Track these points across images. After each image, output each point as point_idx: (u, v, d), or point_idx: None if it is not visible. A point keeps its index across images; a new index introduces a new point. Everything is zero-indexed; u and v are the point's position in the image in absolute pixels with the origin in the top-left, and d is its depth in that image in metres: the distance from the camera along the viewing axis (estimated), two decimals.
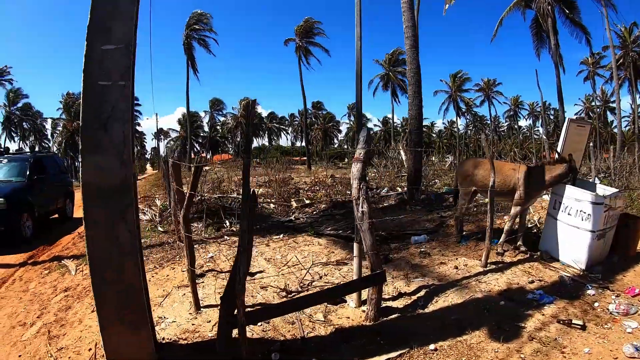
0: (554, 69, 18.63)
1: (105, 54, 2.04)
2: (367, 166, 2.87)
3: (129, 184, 2.07)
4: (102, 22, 2.03)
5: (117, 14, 2.05)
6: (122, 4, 2.06)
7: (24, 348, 2.40)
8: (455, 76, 43.43)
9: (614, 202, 4.03)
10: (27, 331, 2.61)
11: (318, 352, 2.43)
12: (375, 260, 2.75)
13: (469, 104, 43.80)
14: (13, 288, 3.69)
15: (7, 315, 2.92)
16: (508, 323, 2.72)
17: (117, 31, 2.05)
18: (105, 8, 2.03)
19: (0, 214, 5.42)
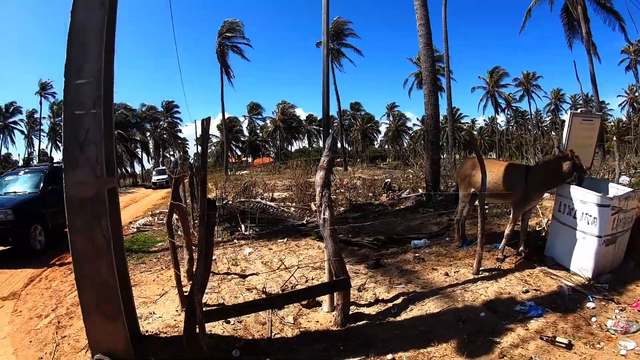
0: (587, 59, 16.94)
1: (79, 88, 2.35)
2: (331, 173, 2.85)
3: (102, 195, 2.35)
4: (76, 61, 2.34)
5: (87, 54, 2.33)
6: (90, 45, 2.34)
7: (35, 335, 2.81)
8: (492, 72, 41.04)
9: (625, 204, 3.53)
10: (41, 321, 3.04)
11: (277, 352, 2.50)
12: (338, 267, 2.72)
13: (509, 99, 40.73)
14: (39, 285, 4.15)
15: (28, 308, 3.39)
16: (482, 337, 2.54)
17: (87, 68, 2.34)
18: (77, 49, 2.32)
19: (8, 226, 5.35)
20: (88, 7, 2.34)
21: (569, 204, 3.80)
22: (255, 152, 49.65)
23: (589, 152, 4.45)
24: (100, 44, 2.37)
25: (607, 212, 3.41)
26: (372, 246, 4.64)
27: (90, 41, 2.35)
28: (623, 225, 3.61)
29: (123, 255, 2.66)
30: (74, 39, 2.33)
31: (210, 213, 2.51)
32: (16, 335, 2.83)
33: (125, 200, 11.55)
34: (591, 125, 4.37)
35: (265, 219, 6.95)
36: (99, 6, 2.35)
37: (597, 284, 3.34)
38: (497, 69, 41.10)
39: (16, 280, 4.42)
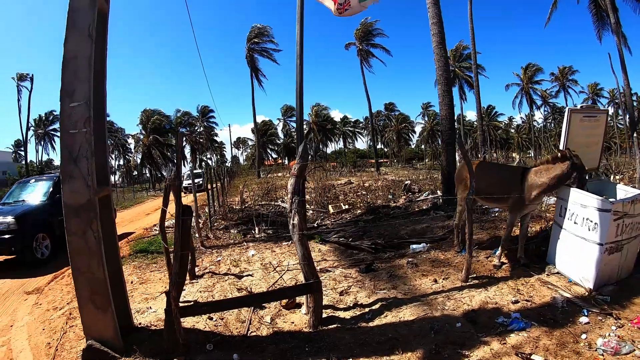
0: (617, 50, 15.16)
1: (72, 109, 2.64)
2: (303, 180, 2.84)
3: (93, 202, 2.61)
4: (68, 86, 2.64)
5: (78, 80, 2.61)
6: (80, 72, 2.63)
7: (49, 324, 3.18)
8: (526, 68, 38.56)
9: (632, 208, 3.14)
10: (55, 313, 3.42)
11: (247, 348, 2.59)
12: (308, 271, 2.74)
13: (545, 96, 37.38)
14: (61, 282, 4.47)
15: (47, 301, 3.78)
16: (450, 349, 2.41)
17: (78, 92, 2.62)
18: (70, 76, 2.60)
19: (11, 235, 5.19)
20: (78, 38, 2.63)
21: (570, 208, 3.49)
22: (290, 155, 50.63)
23: (594, 152, 4.00)
24: (89, 71, 2.65)
25: (608, 217, 3.08)
26: (370, 250, 4.55)
27: (81, 68, 2.64)
28: (631, 231, 3.23)
29: (117, 255, 2.93)
30: (66, 66, 2.64)
31: (184, 218, 2.69)
32: (32, 324, 3.24)
33: (156, 204, 12.46)
34: (596, 122, 3.90)
35: (280, 221, 7.12)
36: (87, 38, 2.63)
37: (598, 296, 3.02)
38: (531, 64, 39.04)
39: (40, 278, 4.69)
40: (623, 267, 3.34)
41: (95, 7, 2.73)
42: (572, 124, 3.76)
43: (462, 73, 35.22)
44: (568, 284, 3.32)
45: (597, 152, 4.08)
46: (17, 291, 4.19)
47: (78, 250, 2.65)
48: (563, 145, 3.71)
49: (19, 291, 4.18)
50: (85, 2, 2.70)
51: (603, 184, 3.98)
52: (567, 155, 3.39)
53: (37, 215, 5.82)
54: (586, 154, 3.83)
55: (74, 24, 2.68)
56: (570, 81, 39.19)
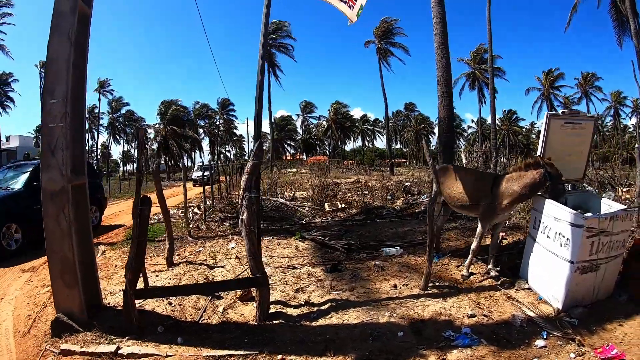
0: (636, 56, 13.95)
1: (52, 105, 2.89)
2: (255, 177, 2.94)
3: (66, 189, 2.82)
4: (50, 85, 2.89)
5: (58, 79, 2.81)
6: (60, 72, 2.84)
7: (34, 299, 3.46)
8: (548, 73, 37.19)
9: (611, 225, 2.90)
10: (42, 289, 3.69)
11: (192, 334, 2.69)
12: (254, 265, 2.80)
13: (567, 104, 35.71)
14: None
15: (39, 279, 4.06)
16: (384, 358, 2.35)
17: (57, 90, 2.83)
18: (51, 76, 2.83)
19: None
20: (59, 41, 2.86)
21: (544, 221, 3.28)
22: (309, 150, 50.40)
23: (579, 162, 3.72)
24: (67, 71, 2.86)
25: (580, 233, 2.86)
26: (343, 250, 4.61)
27: (62, 69, 2.87)
28: (609, 250, 3.00)
29: (89, 239, 3.16)
30: (49, 67, 2.89)
31: (142, 208, 2.89)
32: (20, 298, 3.55)
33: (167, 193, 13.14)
34: (580, 130, 3.61)
35: (274, 216, 7.30)
36: (67, 41, 2.84)
37: (565, 318, 2.82)
38: (553, 69, 37.85)
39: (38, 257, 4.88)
40: (600, 289, 3.11)
41: (77, 11, 2.97)
42: (552, 130, 3.50)
43: (481, 75, 34.03)
44: (537, 301, 3.14)
45: (582, 162, 3.78)
46: (15, 269, 4.57)
47: (52, 232, 2.90)
48: (541, 152, 3.49)
49: (16, 269, 4.56)
50: (67, 6, 2.93)
51: (587, 197, 3.71)
52: (540, 163, 3.20)
53: (8, 204, 5.42)
54: (569, 164, 3.62)
55: (57, 27, 2.90)
56: (594, 88, 37.41)
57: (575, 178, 3.83)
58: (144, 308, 3.13)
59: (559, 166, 3.40)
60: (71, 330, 2.80)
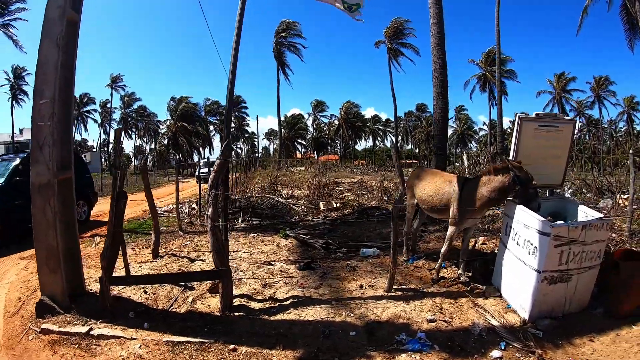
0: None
1: (41, 105, 3.15)
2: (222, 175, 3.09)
3: (52, 183, 3.04)
4: (39, 86, 3.15)
5: (47, 82, 3.04)
6: (49, 75, 3.07)
7: (27, 284, 3.70)
8: (559, 76, 36.23)
9: (583, 234, 2.81)
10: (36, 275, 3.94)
11: (159, 321, 2.86)
12: (217, 259, 2.92)
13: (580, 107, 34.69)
14: None
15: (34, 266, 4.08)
16: (329, 355, 2.43)
17: (46, 91, 3.07)
18: (41, 78, 3.05)
19: None
20: (48, 47, 3.10)
21: (514, 227, 3.21)
22: (320, 149, 50.59)
23: (557, 166, 3.60)
24: (55, 74, 3.08)
25: (547, 241, 2.78)
26: (321, 249, 4.74)
27: (50, 71, 3.11)
28: (581, 261, 2.89)
29: (74, 229, 3.42)
30: (38, 70, 3.13)
31: (118, 201, 3.13)
32: (15, 283, 3.83)
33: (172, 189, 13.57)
34: (557, 133, 3.48)
35: (267, 214, 7.50)
36: (55, 46, 3.07)
37: (531, 329, 2.75)
38: (565, 73, 36.99)
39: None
40: (572, 301, 3.01)
41: (65, 18, 3.23)
42: (524, 133, 3.39)
43: (492, 77, 33.04)
44: (505, 310, 3.07)
45: (560, 167, 3.65)
46: (14, 256, 4.86)
47: (39, 222, 3.16)
48: (512, 156, 3.41)
49: (16, 257, 4.86)
50: (56, 13, 3.18)
51: (565, 203, 3.58)
52: (508, 167, 3.12)
53: None
54: (545, 169, 3.53)
55: (47, 33, 3.16)
56: (607, 92, 36.12)
57: (553, 183, 3.73)
58: (121, 295, 3.35)
59: (534, 171, 3.31)
60: (53, 312, 3.06)
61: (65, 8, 3.14)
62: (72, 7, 3.23)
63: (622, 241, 4.46)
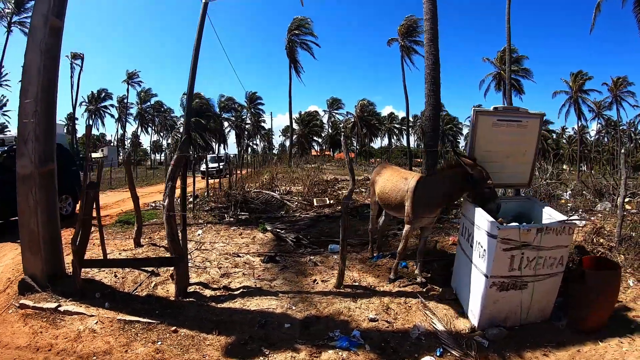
0: None
1: (26, 104, 3.55)
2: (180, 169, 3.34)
3: (34, 174, 3.37)
4: (25, 87, 3.54)
5: (31, 82, 3.38)
6: (32, 77, 3.43)
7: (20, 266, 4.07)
8: (576, 76, 34.48)
9: (538, 238, 2.67)
10: None
11: (119, 301, 3.14)
12: (171, 247, 3.14)
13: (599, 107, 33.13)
14: None
15: None
16: (258, 344, 2.59)
17: (30, 91, 3.42)
18: (26, 79, 3.41)
19: None
20: (32, 51, 3.47)
21: (467, 227, 3.12)
22: (336, 147, 50.45)
23: (523, 164, 3.41)
24: (38, 76, 3.38)
25: (495, 244, 2.66)
26: (292, 243, 4.93)
27: (33, 74, 3.46)
28: (539, 267, 2.76)
29: (56, 216, 3.78)
30: (24, 72, 3.51)
31: (88, 190, 3.49)
32: (9, 265, 4.26)
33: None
34: (520, 128, 3.28)
35: (259, 208, 7.81)
36: (39, 50, 3.40)
37: (477, 337, 2.67)
38: (582, 72, 35.30)
39: None
40: (531, 310, 2.87)
41: (48, 24, 3.61)
42: (480, 128, 3.22)
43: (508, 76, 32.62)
44: (457, 314, 3.01)
45: (526, 165, 3.44)
46: (16, 243, 5.49)
47: (22, 209, 3.53)
48: (468, 153, 3.27)
49: (17, 243, 5.49)
50: (40, 21, 3.53)
51: (532, 204, 3.42)
52: (461, 164, 3.05)
53: None
54: (509, 167, 3.39)
55: (32, 39, 3.58)
56: (625, 93, 34.13)
57: (520, 183, 3.57)
58: (94, 278, 3.72)
59: (497, 169, 3.23)
60: (32, 290, 3.44)
61: (48, 15, 3.48)
62: (55, 15, 3.56)
63: (610, 248, 4.33)
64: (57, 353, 2.59)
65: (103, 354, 2.55)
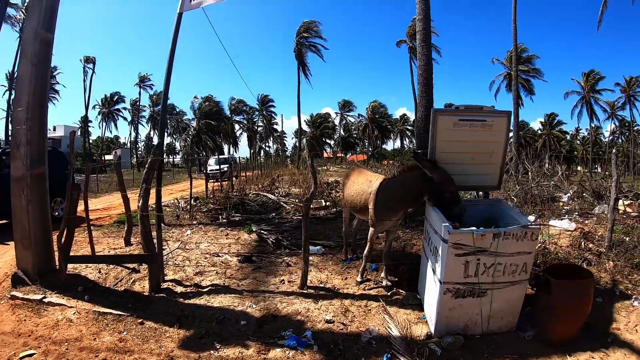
0: None
1: (18, 112, 3.96)
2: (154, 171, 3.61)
3: (26, 176, 3.72)
4: (17, 96, 3.98)
5: (22, 92, 3.76)
6: (24, 86, 3.82)
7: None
8: (588, 75, 34.15)
9: (496, 244, 2.63)
10: None
11: (98, 295, 3.40)
12: (144, 245, 3.38)
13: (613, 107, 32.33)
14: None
15: None
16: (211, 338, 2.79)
17: (22, 100, 3.81)
18: (18, 89, 3.80)
19: None
20: (24, 63, 3.85)
21: (428, 231, 3.15)
22: (348, 149, 50.64)
23: (490, 166, 3.36)
24: (29, 86, 3.73)
25: (447, 249, 2.65)
26: (271, 244, 5.14)
27: (25, 84, 3.85)
28: (497, 274, 2.72)
29: (46, 215, 4.19)
30: (17, 82, 3.97)
31: (72, 192, 3.84)
32: (9, 261, 4.56)
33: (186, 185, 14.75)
34: (485, 129, 3.23)
35: (254, 209, 8.10)
36: (29, 63, 3.75)
37: (432, 345, 2.67)
38: (593, 71, 34.94)
39: None
40: (493, 319, 2.83)
41: (38, 38, 4.02)
42: (440, 129, 3.20)
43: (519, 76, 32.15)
44: (417, 320, 3.04)
45: (494, 167, 3.38)
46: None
47: (15, 207, 3.89)
48: (430, 153, 3.25)
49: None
50: (31, 35, 3.93)
51: (501, 207, 3.35)
52: (419, 167, 3.08)
53: None
54: (476, 168, 3.36)
55: (23, 51, 4.01)
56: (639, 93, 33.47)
57: (489, 185, 3.52)
58: (80, 273, 4.08)
59: (464, 171, 3.23)
60: (23, 283, 3.83)
61: (38, 29, 3.89)
62: (44, 29, 3.96)
63: (599, 253, 4.29)
64: (35, 338, 2.89)
65: (74, 340, 2.83)
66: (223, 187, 10.37)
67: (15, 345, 2.78)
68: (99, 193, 13.75)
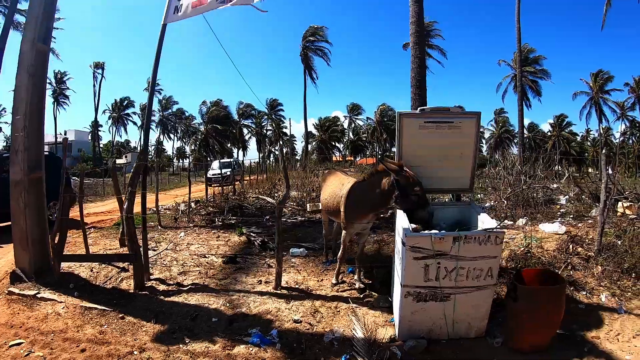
0: None
1: (17, 120, 4.32)
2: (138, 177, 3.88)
3: (23, 180, 4.06)
4: (16, 105, 4.35)
5: (21, 101, 4.10)
6: (22, 96, 4.20)
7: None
8: (596, 75, 34.18)
9: (457, 247, 2.66)
10: None
11: (88, 293, 3.65)
12: (129, 245, 3.63)
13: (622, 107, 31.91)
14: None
15: None
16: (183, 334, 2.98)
17: (20, 109, 4.17)
18: (17, 98, 4.12)
19: None
20: (22, 74, 4.23)
21: (395, 234, 3.25)
22: (357, 152, 50.71)
23: (461, 168, 3.37)
24: (27, 96, 4.16)
25: (405, 252, 2.70)
26: (257, 246, 5.34)
27: (23, 93, 4.23)
28: (459, 278, 2.73)
29: (43, 218, 4.54)
30: (15, 91, 4.30)
31: (65, 195, 4.17)
32: (11, 260, 4.74)
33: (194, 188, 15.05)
34: (453, 130, 3.24)
35: (250, 212, 8.36)
36: (26, 74, 4.17)
37: (393, 348, 2.71)
38: (602, 72, 34.97)
39: None
40: (459, 324, 2.83)
41: (34, 49, 4.38)
42: (406, 131, 3.23)
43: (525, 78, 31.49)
44: (385, 323, 3.11)
45: (465, 169, 3.37)
46: None
47: (14, 210, 4.23)
48: (397, 155, 3.29)
49: None
50: (28, 47, 4.30)
51: (471, 212, 3.36)
52: (385, 169, 3.11)
53: None
54: (448, 171, 3.38)
55: (21, 62, 4.35)
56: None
57: (460, 187, 3.51)
58: (73, 272, 4.42)
59: (429, 174, 3.27)
60: (21, 280, 4.15)
61: (34, 41, 4.26)
62: (41, 41, 4.31)
63: (588, 258, 4.29)
64: (26, 330, 3.18)
65: (60, 331, 3.10)
66: (224, 190, 10.68)
67: (7, 335, 3.07)
68: (106, 197, 14.31)
